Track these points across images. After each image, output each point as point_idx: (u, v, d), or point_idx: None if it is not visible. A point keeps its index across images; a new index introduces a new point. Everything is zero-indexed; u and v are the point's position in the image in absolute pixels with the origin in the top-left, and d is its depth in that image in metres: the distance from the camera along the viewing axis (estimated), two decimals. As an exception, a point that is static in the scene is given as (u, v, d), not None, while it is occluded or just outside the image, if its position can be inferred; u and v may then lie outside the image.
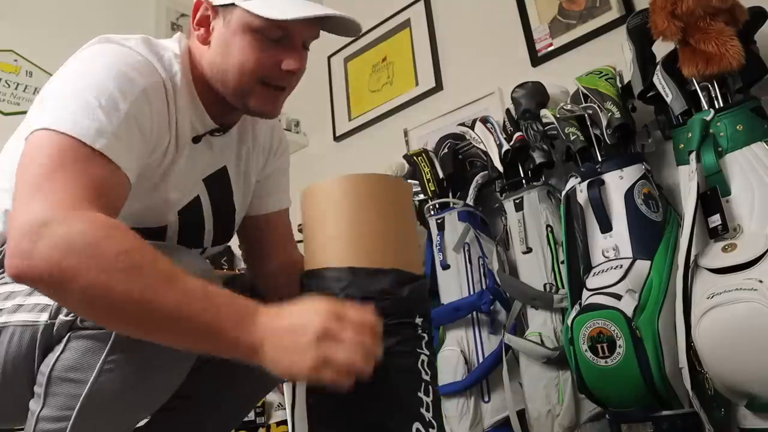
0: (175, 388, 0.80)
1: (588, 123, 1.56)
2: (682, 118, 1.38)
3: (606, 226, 1.42)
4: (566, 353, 1.37)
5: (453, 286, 1.72)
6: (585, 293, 1.38)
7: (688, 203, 1.23)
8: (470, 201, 1.82)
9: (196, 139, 0.90)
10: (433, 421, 0.77)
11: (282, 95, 0.91)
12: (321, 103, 2.70)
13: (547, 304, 1.53)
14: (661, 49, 1.45)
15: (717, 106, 1.31)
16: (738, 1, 1.32)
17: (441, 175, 1.89)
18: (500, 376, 1.56)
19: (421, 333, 0.81)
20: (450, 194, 1.88)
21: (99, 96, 0.73)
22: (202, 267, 0.80)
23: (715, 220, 1.23)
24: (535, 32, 2.03)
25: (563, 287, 1.52)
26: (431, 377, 0.80)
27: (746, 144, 1.24)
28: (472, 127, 1.84)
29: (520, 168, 1.73)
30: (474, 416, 1.59)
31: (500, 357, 1.57)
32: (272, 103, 0.90)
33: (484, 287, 1.68)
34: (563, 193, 1.53)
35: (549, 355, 1.46)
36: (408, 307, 0.80)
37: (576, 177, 1.51)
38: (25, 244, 0.62)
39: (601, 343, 1.26)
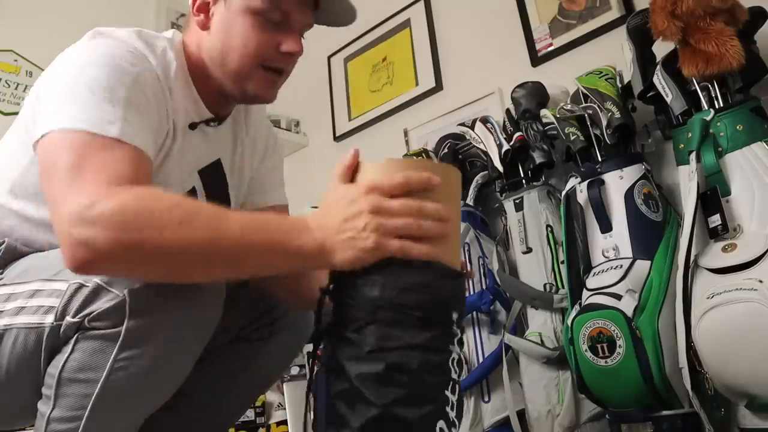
0: (181, 382, 0.81)
1: (588, 123, 1.56)
2: (682, 118, 1.38)
3: (606, 226, 1.42)
4: (566, 353, 1.37)
5: (453, 286, 1.72)
6: (585, 293, 1.38)
7: (688, 203, 1.23)
8: (470, 201, 1.82)
9: (193, 126, 0.91)
10: (456, 421, 0.76)
11: (279, 80, 0.93)
12: (321, 103, 2.70)
13: (547, 304, 1.53)
14: (661, 49, 1.45)
15: (717, 106, 1.31)
16: (738, 1, 1.32)
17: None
18: (500, 376, 1.56)
19: (455, 329, 0.78)
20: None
21: (96, 89, 0.75)
22: None
23: (715, 220, 1.23)
24: (535, 32, 2.03)
25: (563, 287, 1.52)
26: (458, 376, 0.78)
27: (746, 144, 1.24)
28: (472, 127, 1.84)
29: (520, 168, 1.73)
30: (474, 416, 1.60)
31: (500, 357, 1.57)
32: (270, 88, 0.92)
33: (484, 287, 1.68)
34: (563, 193, 1.53)
35: (549, 355, 1.46)
36: (446, 303, 0.77)
37: (576, 177, 1.51)
38: (82, 233, 0.64)
39: (601, 343, 1.26)
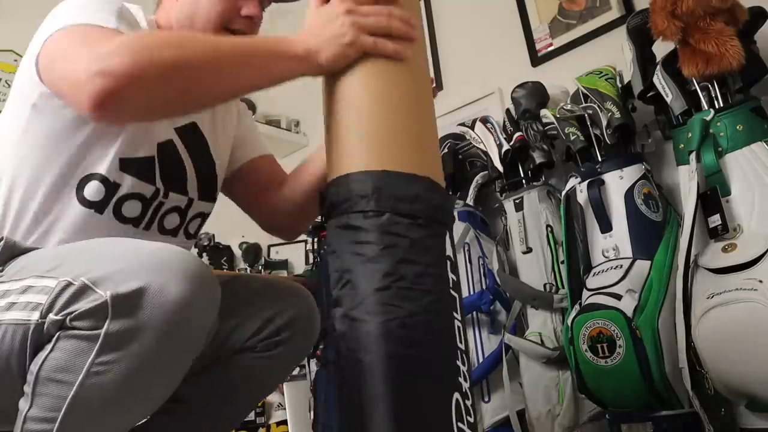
0: (167, 396, 0.78)
1: (588, 123, 1.56)
2: (682, 118, 1.38)
3: (606, 226, 1.42)
4: (566, 353, 1.37)
5: (453, 286, 1.72)
6: (585, 293, 1.38)
7: (688, 203, 1.23)
8: (470, 201, 1.82)
9: None
10: (469, 393, 0.73)
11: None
12: (321, 103, 2.69)
13: (547, 304, 1.53)
14: (661, 49, 1.45)
15: (717, 106, 1.31)
16: (738, 1, 1.32)
17: (441, 175, 1.88)
18: (500, 376, 1.56)
19: (451, 273, 0.76)
20: (450, 194, 1.88)
21: (91, 6, 0.85)
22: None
23: (715, 220, 1.23)
24: (535, 32, 2.03)
25: (563, 287, 1.52)
26: (464, 346, 0.76)
27: (746, 144, 1.24)
28: (472, 127, 1.84)
29: (520, 168, 1.73)
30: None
31: (500, 357, 1.57)
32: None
33: (484, 287, 1.68)
34: (563, 193, 1.53)
35: (549, 355, 1.46)
36: (439, 215, 0.76)
37: (576, 177, 1.51)
38: (99, 65, 0.70)
39: (601, 343, 1.26)
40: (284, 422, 1.99)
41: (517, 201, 1.67)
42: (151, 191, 0.93)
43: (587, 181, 1.46)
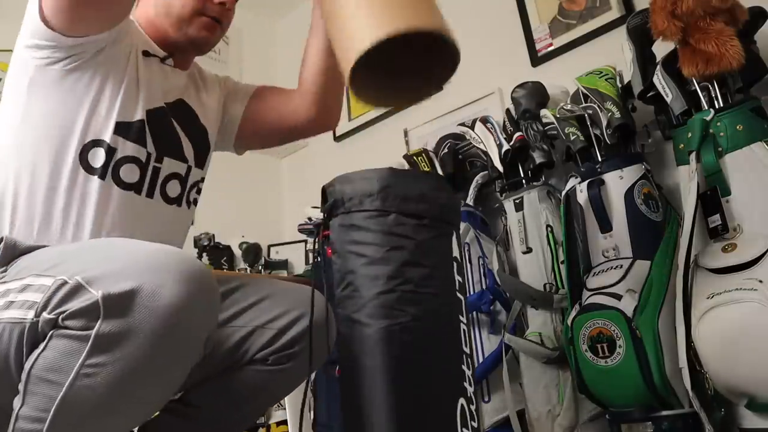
0: (164, 402, 0.76)
1: (588, 123, 1.56)
2: (682, 118, 1.38)
3: (606, 226, 1.42)
4: (566, 353, 1.37)
5: (453, 286, 1.72)
6: (585, 293, 1.38)
7: (688, 203, 1.23)
8: (470, 201, 1.82)
9: (146, 53, 1.01)
10: (473, 398, 0.73)
11: (218, 28, 1.04)
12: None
13: (547, 304, 1.53)
14: (661, 49, 1.45)
15: (717, 106, 1.31)
16: (738, 1, 1.32)
17: (441, 175, 1.89)
18: (500, 376, 1.56)
19: (457, 275, 0.76)
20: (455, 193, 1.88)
21: None
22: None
23: (715, 220, 1.23)
24: (535, 32, 2.03)
25: (563, 287, 1.52)
26: (469, 349, 0.76)
27: (746, 144, 1.24)
28: (472, 127, 1.84)
29: (520, 168, 1.73)
30: (474, 416, 1.60)
31: (500, 357, 1.57)
32: (209, 30, 1.02)
33: (484, 287, 1.68)
34: (563, 193, 1.53)
35: (549, 355, 1.46)
36: (445, 214, 0.76)
37: (576, 177, 1.51)
38: None
39: (601, 343, 1.26)
40: (284, 422, 1.99)
41: (517, 201, 1.67)
42: (145, 155, 0.96)
43: (587, 181, 1.46)
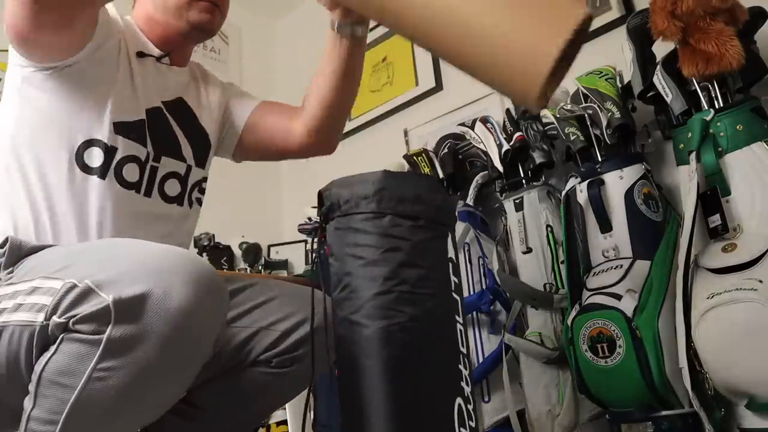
0: (173, 403, 0.77)
1: (588, 123, 1.56)
2: (682, 118, 1.38)
3: (606, 226, 1.42)
4: (566, 353, 1.37)
5: (453, 286, 1.72)
6: (585, 293, 1.38)
7: (688, 203, 1.23)
8: (470, 201, 1.82)
9: (140, 54, 1.01)
10: (471, 398, 0.73)
11: (217, 11, 1.03)
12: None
13: (547, 304, 1.53)
14: (661, 49, 1.45)
15: (717, 106, 1.31)
16: (738, 1, 1.32)
17: (441, 175, 1.89)
18: (500, 376, 1.56)
19: (453, 276, 0.76)
20: (451, 194, 1.88)
21: None
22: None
23: (715, 220, 1.23)
24: (535, 32, 2.03)
25: (563, 287, 1.52)
26: (466, 349, 0.76)
27: (746, 144, 1.24)
28: (472, 127, 1.84)
29: (520, 168, 1.73)
30: (474, 416, 1.60)
31: (500, 357, 1.57)
32: (209, 12, 1.01)
33: (484, 287, 1.68)
34: (563, 193, 1.53)
35: (549, 355, 1.46)
36: (440, 215, 0.76)
37: (576, 177, 1.51)
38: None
39: (601, 343, 1.26)
40: (284, 422, 1.99)
41: (517, 201, 1.67)
42: (144, 154, 0.96)
43: (587, 181, 1.46)
